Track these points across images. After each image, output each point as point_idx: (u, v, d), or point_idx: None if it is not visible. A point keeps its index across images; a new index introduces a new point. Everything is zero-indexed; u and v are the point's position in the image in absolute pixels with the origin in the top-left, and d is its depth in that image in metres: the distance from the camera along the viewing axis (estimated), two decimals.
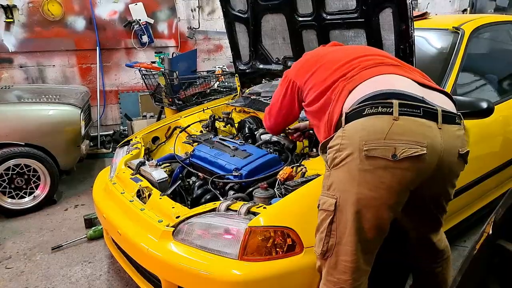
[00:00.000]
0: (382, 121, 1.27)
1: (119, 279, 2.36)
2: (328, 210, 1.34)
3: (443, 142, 1.29)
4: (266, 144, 2.26)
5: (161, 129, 2.72)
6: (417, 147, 1.24)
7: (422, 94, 1.36)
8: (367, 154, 1.26)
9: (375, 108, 1.29)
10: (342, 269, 1.34)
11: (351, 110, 1.35)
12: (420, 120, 1.28)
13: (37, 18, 4.56)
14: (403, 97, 1.32)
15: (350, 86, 1.44)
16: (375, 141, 1.26)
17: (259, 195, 1.73)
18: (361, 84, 1.42)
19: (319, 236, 1.38)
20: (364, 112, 1.31)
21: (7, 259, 2.62)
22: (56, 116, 3.28)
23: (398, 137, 1.25)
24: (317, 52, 1.84)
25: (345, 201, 1.30)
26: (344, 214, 1.31)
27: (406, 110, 1.27)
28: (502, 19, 2.90)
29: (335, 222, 1.33)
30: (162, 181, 2.03)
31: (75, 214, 3.20)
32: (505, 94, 2.63)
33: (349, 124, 1.33)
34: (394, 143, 1.24)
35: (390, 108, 1.27)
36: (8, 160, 3.09)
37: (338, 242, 1.33)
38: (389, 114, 1.27)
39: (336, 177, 1.34)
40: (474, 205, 2.45)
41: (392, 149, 1.24)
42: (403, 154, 1.23)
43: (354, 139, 1.29)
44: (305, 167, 1.84)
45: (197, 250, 1.60)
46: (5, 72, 4.60)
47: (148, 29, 5.01)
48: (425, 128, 1.28)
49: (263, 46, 2.83)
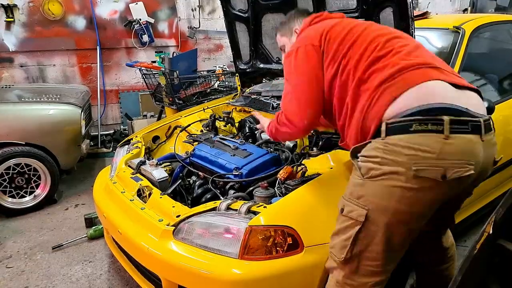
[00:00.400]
0: (433, 140, 1.23)
1: (119, 278, 2.37)
2: (356, 220, 1.32)
3: (485, 155, 1.29)
4: (267, 143, 2.26)
5: (161, 128, 2.72)
6: (467, 167, 1.23)
7: (463, 103, 1.30)
8: (417, 174, 1.22)
9: (424, 125, 1.23)
10: (365, 273, 1.34)
11: (395, 122, 1.28)
12: (469, 137, 1.25)
13: (38, 17, 4.57)
14: (452, 111, 1.26)
15: (394, 92, 1.32)
16: (425, 161, 1.22)
17: (259, 194, 1.74)
18: (406, 93, 1.31)
19: (343, 243, 1.35)
20: (412, 128, 1.24)
21: (7, 258, 2.63)
22: (57, 115, 3.28)
23: (449, 157, 1.22)
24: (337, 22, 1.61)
25: (378, 215, 1.29)
26: (374, 225, 1.30)
27: (457, 127, 1.23)
28: (502, 19, 2.90)
29: (362, 232, 1.31)
30: (163, 180, 2.03)
31: (75, 214, 3.21)
32: (505, 93, 2.62)
33: (393, 138, 1.27)
34: (445, 164, 1.21)
35: (441, 125, 1.22)
36: (8, 159, 3.10)
37: (363, 249, 1.32)
38: (439, 132, 1.22)
39: (371, 189, 1.30)
40: (475, 205, 2.45)
41: (443, 170, 1.21)
42: (453, 176, 1.21)
43: (400, 156, 1.24)
44: (305, 166, 1.84)
45: (197, 249, 1.60)
46: (6, 72, 4.60)
47: (148, 28, 5.01)
48: (473, 146, 1.26)
49: (264, 45, 2.83)
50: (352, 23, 1.58)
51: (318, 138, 2.09)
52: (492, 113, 1.95)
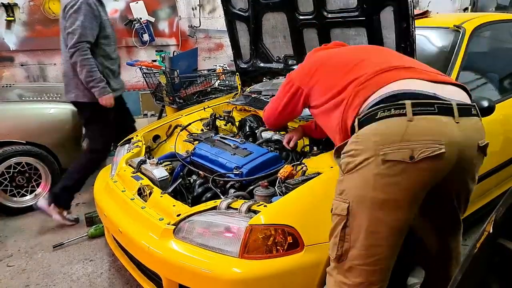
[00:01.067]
0: (396, 124, 1.25)
1: (120, 277, 2.37)
2: (341, 215, 1.33)
3: (462, 137, 1.26)
4: (267, 142, 2.26)
5: (162, 127, 2.73)
6: (435, 146, 1.21)
7: (433, 90, 1.32)
8: (384, 158, 1.23)
9: (388, 111, 1.26)
10: (358, 272, 1.33)
11: (364, 115, 1.33)
12: (435, 117, 1.25)
13: (38, 16, 4.57)
14: (415, 95, 1.29)
15: (366, 92, 1.39)
16: (391, 145, 1.23)
17: (259, 193, 1.74)
18: (378, 91, 1.37)
19: (333, 241, 1.36)
20: (377, 116, 1.28)
21: (8, 257, 2.63)
22: (57, 114, 3.29)
23: (415, 138, 1.22)
24: (322, 54, 1.79)
25: (359, 206, 1.29)
26: (357, 218, 1.30)
27: (420, 109, 1.24)
28: (503, 18, 2.90)
29: (348, 227, 1.32)
30: (163, 180, 2.03)
31: (76, 212, 3.20)
32: (506, 92, 2.62)
33: (363, 129, 1.31)
34: (411, 144, 1.22)
35: (403, 109, 1.24)
36: (9, 158, 3.10)
37: (352, 246, 1.32)
38: (402, 115, 1.24)
39: (349, 182, 1.32)
40: (475, 204, 2.45)
41: (410, 151, 1.21)
42: (421, 155, 1.21)
43: (369, 144, 1.27)
44: (305, 166, 1.84)
45: (198, 248, 1.60)
46: (6, 71, 4.61)
47: (149, 27, 5.02)
48: (442, 125, 1.25)
49: (264, 44, 2.83)
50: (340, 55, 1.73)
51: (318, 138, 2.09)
52: (492, 112, 1.95)
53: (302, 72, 1.77)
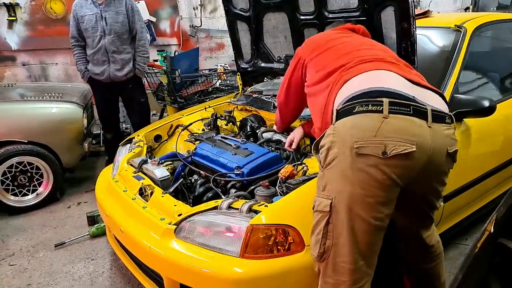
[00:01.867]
0: (372, 119, 1.29)
1: (121, 276, 2.38)
2: (323, 211, 1.34)
3: (433, 141, 1.31)
4: (268, 142, 2.27)
5: (163, 127, 2.73)
6: (407, 145, 1.26)
7: (413, 93, 1.37)
8: (358, 152, 1.27)
9: (365, 106, 1.31)
10: (341, 270, 1.33)
11: (342, 108, 1.37)
12: (410, 118, 1.29)
13: (40, 16, 4.58)
14: (394, 95, 1.33)
15: (345, 77, 1.48)
16: (365, 139, 1.27)
17: (260, 193, 1.74)
18: (356, 77, 1.45)
19: (315, 238, 1.37)
20: (355, 110, 1.32)
21: (10, 256, 2.64)
22: (59, 114, 3.29)
23: (388, 134, 1.26)
24: (329, 34, 1.86)
25: (340, 201, 1.30)
26: (339, 214, 1.31)
27: (396, 108, 1.29)
28: (504, 17, 2.89)
29: (331, 223, 1.32)
30: (164, 179, 2.03)
31: (77, 212, 3.22)
32: (507, 92, 2.62)
33: (339, 122, 1.35)
34: (384, 140, 1.26)
35: (380, 106, 1.29)
36: (11, 157, 3.11)
37: (335, 243, 1.32)
38: (379, 112, 1.28)
39: (329, 177, 1.34)
40: (476, 204, 2.45)
41: (382, 147, 1.25)
42: (393, 152, 1.25)
43: (344, 137, 1.30)
44: (306, 166, 1.85)
45: (199, 247, 1.60)
46: (8, 70, 4.62)
47: (150, 27, 5.02)
48: (415, 126, 1.29)
49: (265, 44, 2.83)
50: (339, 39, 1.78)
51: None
52: (493, 112, 1.95)
53: (306, 44, 1.87)
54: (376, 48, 1.68)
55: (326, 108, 1.52)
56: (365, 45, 1.69)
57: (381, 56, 1.57)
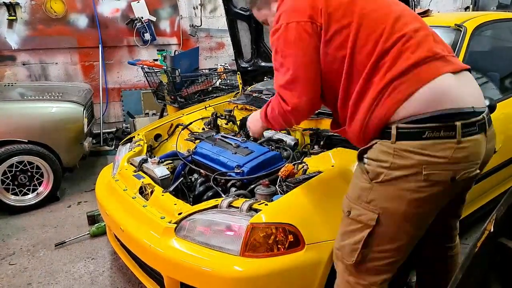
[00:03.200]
0: (445, 147, 1.23)
1: (121, 275, 2.38)
2: (366, 224, 1.32)
3: (487, 148, 1.32)
4: (268, 141, 2.27)
5: (163, 126, 2.73)
6: (474, 167, 1.27)
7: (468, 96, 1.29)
8: (426, 178, 1.23)
9: (437, 132, 1.23)
10: (374, 272, 1.36)
11: (406, 128, 1.25)
12: (477, 137, 1.27)
13: (40, 15, 4.58)
14: (461, 115, 1.25)
15: (405, 90, 1.26)
16: (436, 166, 1.23)
17: (260, 192, 1.74)
18: (417, 93, 1.25)
19: (352, 247, 1.35)
20: (424, 135, 1.24)
21: (10, 255, 2.64)
22: (59, 113, 3.30)
23: (460, 161, 1.24)
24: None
25: (389, 218, 1.29)
26: (384, 228, 1.30)
27: (467, 130, 1.24)
28: (504, 17, 2.89)
29: (373, 235, 1.31)
30: (164, 178, 2.03)
31: (78, 211, 3.22)
32: (507, 91, 2.62)
33: (404, 144, 1.25)
34: (455, 167, 1.24)
35: (453, 131, 1.23)
36: (11, 157, 3.11)
37: (374, 250, 1.33)
38: (451, 137, 1.23)
39: (380, 193, 1.30)
40: (476, 203, 2.45)
41: (452, 173, 1.24)
42: (463, 177, 1.25)
43: (411, 161, 1.24)
44: (306, 164, 1.85)
45: (199, 246, 1.61)
46: (8, 70, 4.62)
47: (150, 27, 5.02)
48: (480, 146, 1.29)
49: (265, 43, 2.84)
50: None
51: (319, 136, 2.10)
52: (493, 111, 1.95)
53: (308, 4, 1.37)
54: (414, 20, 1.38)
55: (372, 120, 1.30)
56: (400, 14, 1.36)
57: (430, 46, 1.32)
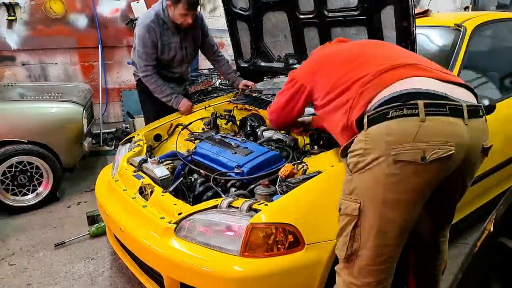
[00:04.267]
0: (409, 124, 1.24)
1: (121, 275, 2.38)
2: (351, 215, 1.33)
3: (469, 138, 1.28)
4: (268, 141, 2.26)
5: (163, 126, 2.73)
6: (446, 148, 1.23)
7: (444, 90, 1.32)
8: (396, 159, 1.23)
9: (400, 111, 1.26)
10: (367, 271, 1.34)
11: (373, 113, 1.31)
12: (446, 118, 1.25)
13: (39, 16, 4.58)
14: (426, 95, 1.28)
15: (370, 93, 1.38)
16: (403, 145, 1.23)
17: (260, 192, 1.74)
18: (383, 92, 1.35)
19: (343, 240, 1.37)
20: (388, 115, 1.27)
21: (10, 255, 2.64)
22: (59, 113, 3.29)
23: (427, 139, 1.23)
24: (327, 51, 1.78)
25: (370, 206, 1.29)
26: (368, 218, 1.30)
27: (432, 109, 1.24)
28: (504, 17, 2.89)
29: (359, 227, 1.32)
30: (164, 178, 2.03)
31: (77, 211, 3.22)
32: (506, 91, 2.63)
33: (373, 128, 1.30)
34: (423, 145, 1.22)
35: (416, 109, 1.24)
36: (11, 157, 3.11)
37: (362, 246, 1.33)
38: (415, 115, 1.24)
39: (359, 182, 1.32)
40: (475, 203, 2.45)
41: (421, 152, 1.22)
42: (432, 156, 1.22)
43: (379, 143, 1.27)
44: (306, 164, 1.84)
45: (199, 246, 1.60)
46: (8, 70, 4.62)
47: None
48: (452, 127, 1.26)
49: (265, 43, 2.83)
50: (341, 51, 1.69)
51: (319, 136, 2.10)
52: (493, 111, 1.95)
53: (305, 69, 1.77)
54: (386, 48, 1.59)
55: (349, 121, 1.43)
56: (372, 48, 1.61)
57: (396, 59, 1.47)
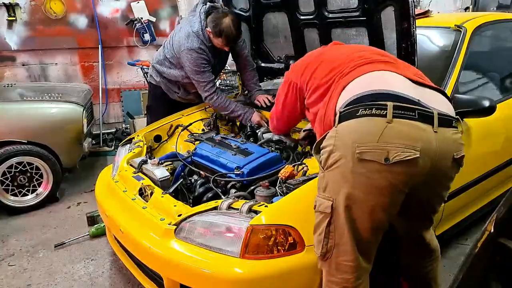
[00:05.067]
0: (375, 124, 1.26)
1: (121, 276, 2.38)
2: (325, 212, 1.34)
3: (438, 146, 1.28)
4: (268, 142, 2.26)
5: (163, 127, 2.73)
6: (410, 151, 1.22)
7: (418, 96, 1.34)
8: (360, 157, 1.25)
9: (369, 110, 1.27)
10: (343, 269, 1.34)
11: (345, 110, 1.34)
12: (414, 123, 1.26)
13: (39, 16, 4.57)
14: (398, 99, 1.30)
15: (344, 82, 1.45)
16: (367, 144, 1.24)
17: (260, 193, 1.74)
18: (354, 81, 1.42)
19: (318, 238, 1.38)
20: (358, 113, 1.29)
21: (10, 256, 2.64)
22: (59, 114, 3.29)
23: (391, 140, 1.23)
24: (316, 52, 1.83)
25: (341, 203, 1.30)
26: (340, 215, 1.31)
27: (401, 112, 1.26)
28: (504, 17, 2.89)
29: (332, 224, 1.33)
30: (164, 180, 2.03)
31: (77, 212, 3.22)
32: (507, 92, 2.62)
33: (342, 124, 1.32)
34: (387, 146, 1.23)
35: (384, 110, 1.25)
36: (11, 158, 3.11)
37: (337, 243, 1.33)
38: (382, 116, 1.25)
39: (330, 179, 1.34)
40: (476, 204, 2.45)
41: (385, 153, 1.23)
42: (395, 158, 1.22)
43: (346, 141, 1.28)
44: (306, 166, 1.84)
45: (199, 248, 1.60)
46: (8, 70, 4.61)
47: (150, 27, 5.02)
48: (419, 132, 1.26)
49: (265, 44, 2.83)
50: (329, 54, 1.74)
51: None
52: (493, 112, 1.95)
53: (295, 68, 1.82)
54: (368, 51, 1.65)
55: (326, 115, 1.49)
56: (356, 50, 1.66)
57: (376, 58, 1.54)
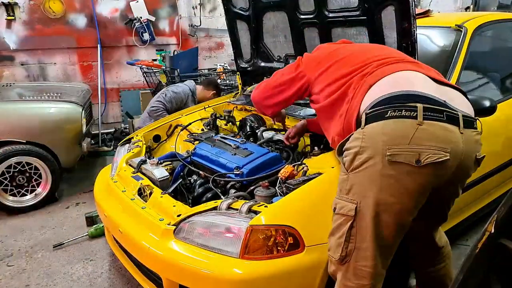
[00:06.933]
0: (406, 126, 1.25)
1: (120, 277, 2.37)
2: (347, 215, 1.32)
3: (464, 147, 1.29)
4: (268, 142, 2.26)
5: (162, 127, 2.72)
6: (441, 153, 1.24)
7: (442, 96, 1.35)
8: (390, 159, 1.24)
9: (398, 111, 1.27)
10: (361, 274, 1.33)
11: (371, 111, 1.32)
12: (443, 125, 1.27)
13: (38, 15, 4.57)
14: (426, 100, 1.30)
15: (371, 80, 1.42)
16: (399, 146, 1.24)
17: (260, 193, 1.73)
18: (382, 80, 1.40)
19: (337, 241, 1.36)
20: (387, 114, 1.28)
21: (8, 256, 2.63)
22: (58, 114, 3.28)
23: (423, 142, 1.24)
24: (332, 47, 1.81)
25: (366, 206, 1.29)
26: (364, 219, 1.30)
27: (430, 114, 1.26)
28: (505, 17, 2.89)
29: (354, 227, 1.32)
30: (163, 180, 2.02)
31: (76, 212, 3.21)
32: (507, 92, 2.62)
33: (369, 126, 1.30)
34: (419, 148, 1.23)
35: (415, 112, 1.25)
36: (9, 158, 3.10)
37: (357, 247, 1.32)
38: (413, 118, 1.25)
39: (355, 182, 1.32)
40: (476, 204, 2.45)
41: (416, 155, 1.23)
42: (427, 160, 1.23)
43: (376, 142, 1.27)
44: (306, 166, 1.84)
45: (198, 248, 1.60)
46: (7, 70, 4.61)
47: (149, 26, 5.01)
48: (448, 133, 1.27)
49: (265, 44, 2.82)
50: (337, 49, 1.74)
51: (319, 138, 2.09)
52: (494, 112, 1.95)
53: (310, 59, 1.78)
54: (387, 49, 1.65)
55: (348, 113, 1.46)
56: (377, 49, 1.65)
57: (398, 56, 1.53)
